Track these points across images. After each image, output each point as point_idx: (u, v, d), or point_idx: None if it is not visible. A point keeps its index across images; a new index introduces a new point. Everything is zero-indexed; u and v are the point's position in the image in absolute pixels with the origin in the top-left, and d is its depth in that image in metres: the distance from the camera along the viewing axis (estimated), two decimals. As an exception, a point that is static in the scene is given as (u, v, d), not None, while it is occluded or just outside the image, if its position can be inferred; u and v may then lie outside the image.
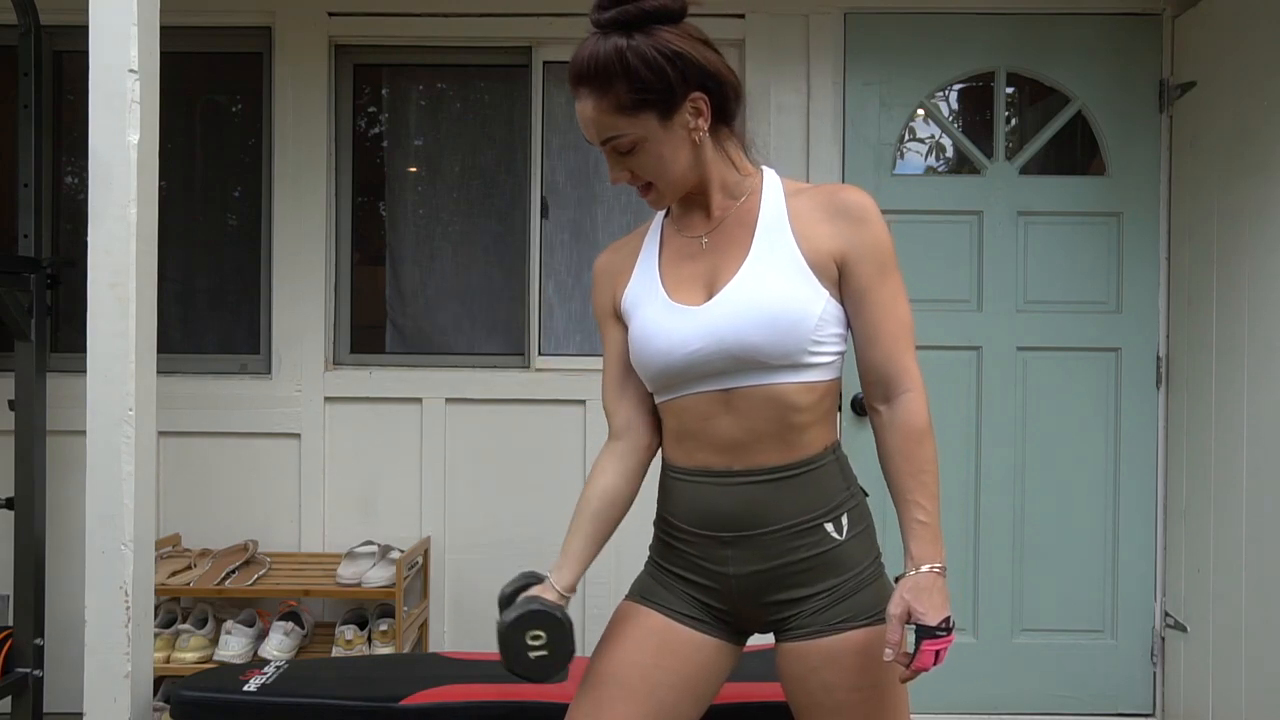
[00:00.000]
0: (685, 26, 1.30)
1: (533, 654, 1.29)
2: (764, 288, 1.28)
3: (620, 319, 1.43)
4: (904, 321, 1.30)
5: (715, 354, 1.29)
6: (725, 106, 1.33)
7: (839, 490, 1.33)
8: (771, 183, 1.37)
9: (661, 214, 1.45)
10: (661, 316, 1.33)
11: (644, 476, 1.42)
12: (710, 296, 1.31)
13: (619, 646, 1.36)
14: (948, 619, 1.23)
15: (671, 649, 1.34)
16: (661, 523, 1.41)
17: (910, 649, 1.23)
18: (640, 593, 1.40)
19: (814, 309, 1.27)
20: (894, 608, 1.22)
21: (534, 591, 1.34)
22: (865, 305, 1.30)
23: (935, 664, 1.22)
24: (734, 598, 1.34)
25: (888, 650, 1.21)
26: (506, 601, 1.38)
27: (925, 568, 1.25)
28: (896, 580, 1.27)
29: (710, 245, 1.36)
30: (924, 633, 1.21)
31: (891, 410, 1.31)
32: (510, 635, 1.29)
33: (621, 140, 1.29)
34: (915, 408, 1.29)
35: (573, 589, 1.35)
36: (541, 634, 1.29)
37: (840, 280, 1.30)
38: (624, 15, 1.26)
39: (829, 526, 1.31)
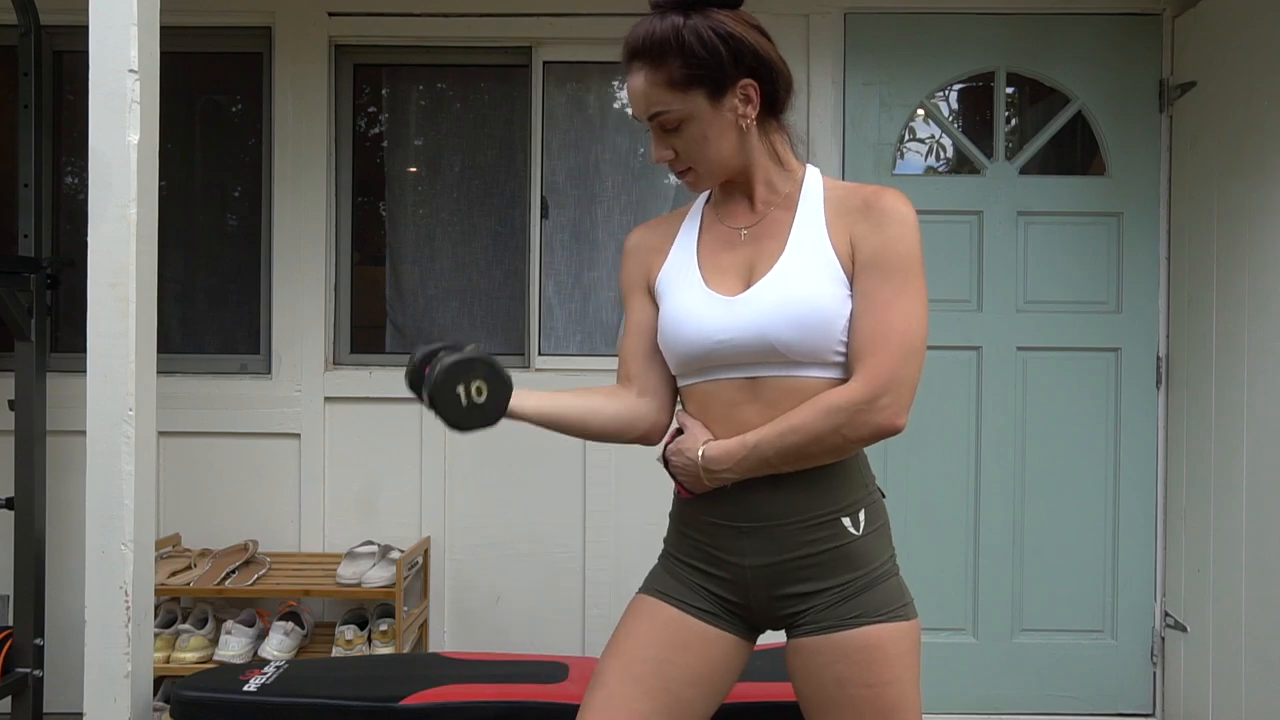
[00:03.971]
0: (742, 14, 1.31)
1: (465, 402, 1.25)
2: (797, 286, 1.28)
3: (651, 295, 1.43)
4: (895, 326, 1.27)
5: (744, 345, 1.30)
6: (775, 97, 1.34)
7: (858, 486, 1.33)
8: (813, 180, 1.37)
9: (703, 199, 1.46)
10: (695, 302, 1.34)
11: (618, 432, 1.41)
12: (746, 287, 1.32)
13: (633, 641, 1.35)
14: (667, 460, 1.37)
15: (686, 643, 1.34)
16: (677, 512, 1.42)
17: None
18: (654, 586, 1.40)
19: (844, 309, 1.28)
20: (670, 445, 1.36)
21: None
22: (857, 297, 1.29)
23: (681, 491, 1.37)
24: (748, 589, 1.34)
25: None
26: (422, 363, 1.31)
27: (702, 450, 1.31)
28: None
29: (749, 236, 1.37)
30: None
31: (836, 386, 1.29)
32: (446, 379, 1.24)
33: (668, 116, 1.31)
34: (843, 391, 1.26)
35: (518, 412, 1.33)
36: (483, 384, 1.25)
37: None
38: None
39: (846, 521, 1.31)
